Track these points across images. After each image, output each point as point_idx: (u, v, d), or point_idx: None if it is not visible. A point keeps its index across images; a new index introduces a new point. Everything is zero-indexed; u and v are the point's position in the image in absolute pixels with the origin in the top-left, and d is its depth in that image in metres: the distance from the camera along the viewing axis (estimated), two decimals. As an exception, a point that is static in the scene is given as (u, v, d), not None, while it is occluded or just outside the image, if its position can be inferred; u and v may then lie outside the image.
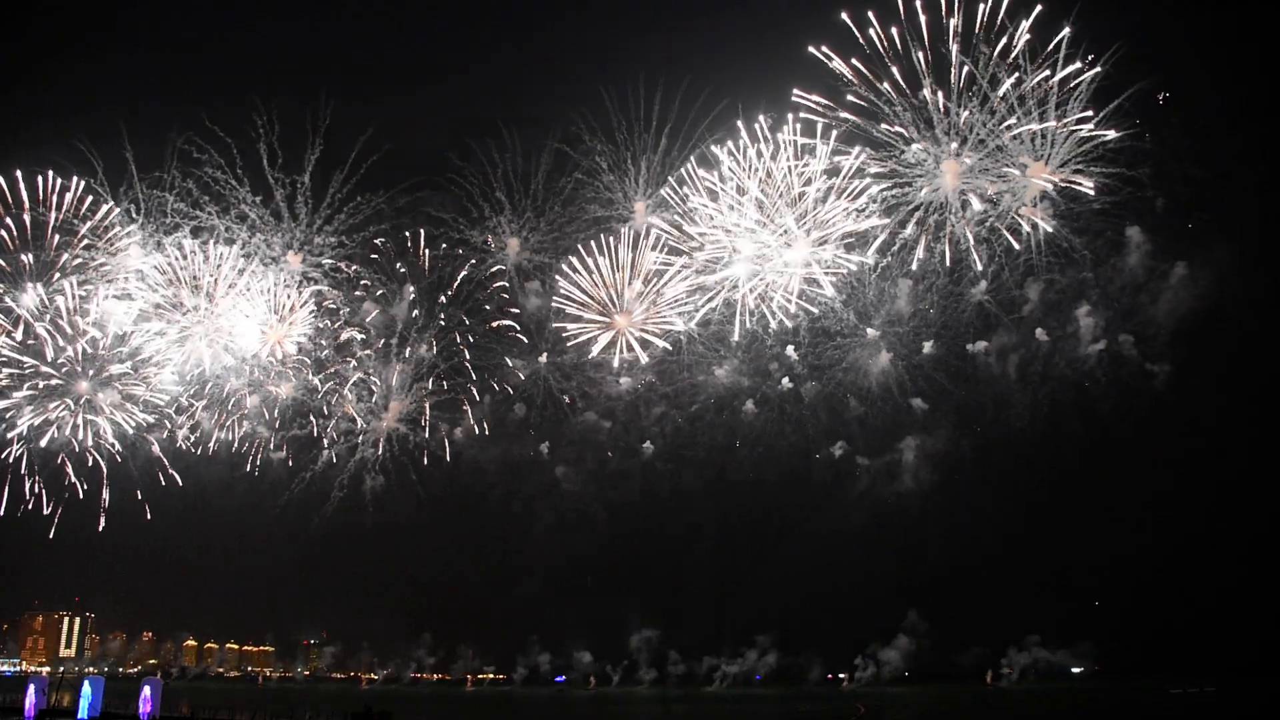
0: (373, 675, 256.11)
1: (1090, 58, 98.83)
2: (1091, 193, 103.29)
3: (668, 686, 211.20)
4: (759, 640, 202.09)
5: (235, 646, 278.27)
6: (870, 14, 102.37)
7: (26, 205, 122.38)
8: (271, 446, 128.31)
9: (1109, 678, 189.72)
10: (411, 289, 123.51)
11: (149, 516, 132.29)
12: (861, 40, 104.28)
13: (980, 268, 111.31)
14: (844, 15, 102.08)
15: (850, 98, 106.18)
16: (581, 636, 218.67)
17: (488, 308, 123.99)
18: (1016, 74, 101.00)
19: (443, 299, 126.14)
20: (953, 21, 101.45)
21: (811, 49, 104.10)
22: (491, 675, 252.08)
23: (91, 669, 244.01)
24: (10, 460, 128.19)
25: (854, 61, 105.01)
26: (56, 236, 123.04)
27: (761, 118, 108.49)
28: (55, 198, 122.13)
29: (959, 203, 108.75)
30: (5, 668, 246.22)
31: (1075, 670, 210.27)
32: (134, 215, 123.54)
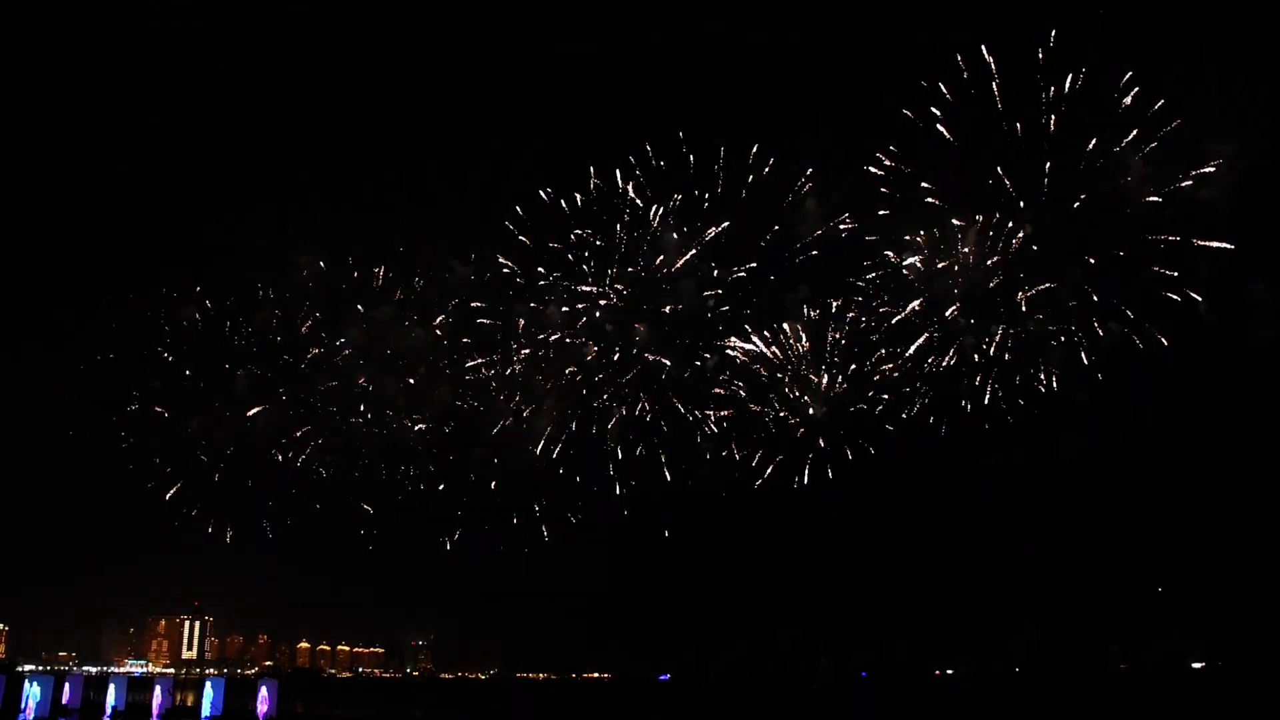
0: (478, 675, 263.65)
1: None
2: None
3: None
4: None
5: (346, 648, 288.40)
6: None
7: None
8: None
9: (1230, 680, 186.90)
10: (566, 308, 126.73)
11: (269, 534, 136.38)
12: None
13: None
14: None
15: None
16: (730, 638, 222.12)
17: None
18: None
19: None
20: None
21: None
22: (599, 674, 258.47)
23: (212, 670, 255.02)
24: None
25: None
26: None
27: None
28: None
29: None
30: (134, 668, 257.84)
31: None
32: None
